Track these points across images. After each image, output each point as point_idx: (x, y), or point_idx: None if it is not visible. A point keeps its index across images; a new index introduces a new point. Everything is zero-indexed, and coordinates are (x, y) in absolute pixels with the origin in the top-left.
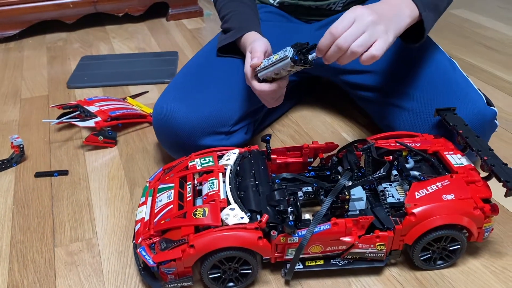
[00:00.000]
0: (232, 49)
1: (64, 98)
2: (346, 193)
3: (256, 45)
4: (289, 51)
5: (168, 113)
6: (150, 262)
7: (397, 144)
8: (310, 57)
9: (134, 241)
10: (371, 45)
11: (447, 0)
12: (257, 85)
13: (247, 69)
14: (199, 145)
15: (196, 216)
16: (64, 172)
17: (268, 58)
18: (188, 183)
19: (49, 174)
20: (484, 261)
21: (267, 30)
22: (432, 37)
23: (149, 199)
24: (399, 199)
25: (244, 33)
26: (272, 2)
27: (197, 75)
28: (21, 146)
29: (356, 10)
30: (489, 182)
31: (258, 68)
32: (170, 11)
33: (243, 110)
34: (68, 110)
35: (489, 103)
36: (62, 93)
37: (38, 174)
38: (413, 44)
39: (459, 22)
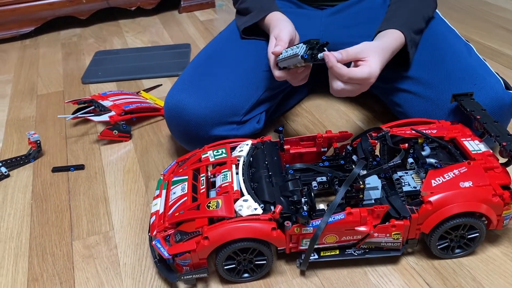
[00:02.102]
0: (252, 31)
1: (79, 93)
2: (361, 182)
3: (282, 34)
4: (300, 48)
5: (179, 104)
6: (165, 254)
7: (413, 132)
8: (319, 55)
9: (149, 234)
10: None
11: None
12: (276, 72)
13: (270, 55)
14: (210, 135)
15: (210, 208)
16: (81, 167)
17: (286, 50)
18: (201, 175)
19: (66, 169)
20: (504, 249)
21: None
22: (450, 21)
23: (164, 191)
24: (415, 187)
25: (268, 13)
26: None
27: (206, 65)
28: (38, 141)
29: (373, 76)
30: (508, 168)
31: (279, 58)
32: (182, 3)
33: (254, 99)
34: (83, 105)
35: (508, 87)
36: (77, 89)
37: (55, 169)
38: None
39: (479, 5)
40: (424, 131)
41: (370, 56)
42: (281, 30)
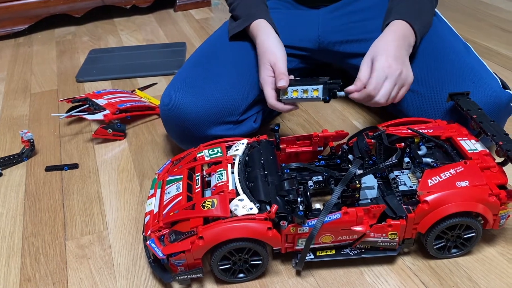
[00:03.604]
0: (243, 35)
1: (73, 92)
2: (357, 182)
3: (280, 65)
4: (320, 92)
5: (175, 103)
6: (160, 254)
7: (409, 131)
8: (339, 94)
9: (143, 234)
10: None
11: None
12: (280, 106)
13: (269, 86)
14: (207, 135)
15: (205, 207)
16: (74, 166)
17: (292, 89)
18: (196, 174)
19: (60, 168)
20: (501, 249)
21: (274, 18)
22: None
23: (158, 191)
24: (412, 187)
25: (251, 21)
26: None
27: (203, 64)
28: (32, 140)
29: (386, 68)
30: (505, 168)
31: (286, 97)
32: (177, 1)
33: (250, 98)
34: (77, 104)
35: (505, 87)
36: (71, 87)
37: (49, 168)
38: None
39: (474, 4)
40: (421, 130)
41: (373, 59)
42: (277, 59)
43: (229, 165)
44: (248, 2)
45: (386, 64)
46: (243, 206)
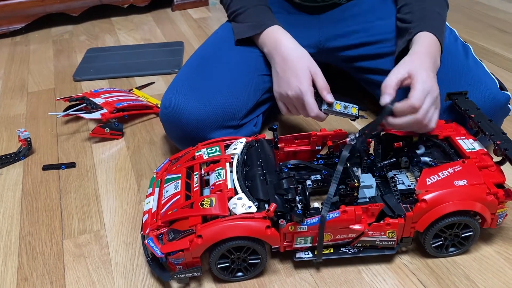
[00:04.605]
0: (246, 39)
1: (71, 90)
2: (355, 181)
3: (321, 77)
4: (357, 110)
5: (176, 107)
6: (158, 253)
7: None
8: (362, 116)
9: (142, 232)
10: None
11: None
12: (323, 116)
13: (312, 94)
14: (207, 139)
15: (204, 206)
16: (72, 165)
17: (339, 103)
18: (195, 173)
19: (57, 166)
20: (498, 248)
21: None
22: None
23: (156, 190)
24: (410, 186)
25: (265, 28)
26: None
27: (203, 67)
28: (29, 139)
29: (428, 85)
30: (502, 167)
31: (328, 109)
32: (175, 1)
33: (252, 102)
34: (74, 103)
35: (502, 88)
36: (69, 86)
37: (46, 167)
38: None
39: (471, 4)
40: None
41: (413, 73)
42: (317, 70)
43: (227, 164)
44: (256, 10)
45: (430, 85)
46: (242, 204)
